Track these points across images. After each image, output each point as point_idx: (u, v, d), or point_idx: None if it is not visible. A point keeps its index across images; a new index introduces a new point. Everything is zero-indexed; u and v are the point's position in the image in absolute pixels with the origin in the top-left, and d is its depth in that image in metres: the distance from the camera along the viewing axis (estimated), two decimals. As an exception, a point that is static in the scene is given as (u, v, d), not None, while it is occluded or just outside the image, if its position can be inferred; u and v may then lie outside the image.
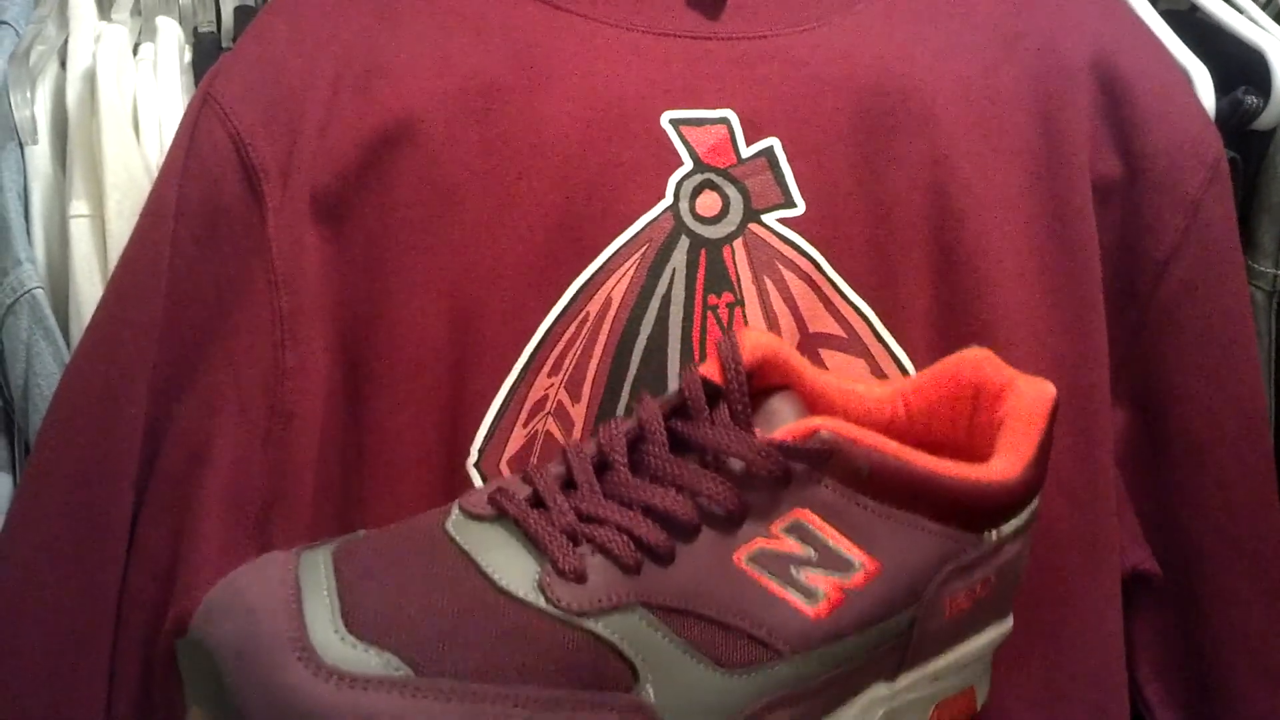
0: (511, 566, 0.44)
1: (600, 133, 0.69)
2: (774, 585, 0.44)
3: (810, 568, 0.45)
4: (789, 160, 0.70)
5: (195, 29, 0.86)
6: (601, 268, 0.68)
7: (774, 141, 0.70)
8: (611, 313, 0.68)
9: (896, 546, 0.46)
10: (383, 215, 0.69)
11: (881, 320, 0.70)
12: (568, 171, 0.69)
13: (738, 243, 0.69)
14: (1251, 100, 0.80)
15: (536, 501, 0.47)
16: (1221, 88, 0.80)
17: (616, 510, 0.45)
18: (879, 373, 0.70)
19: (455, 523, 0.48)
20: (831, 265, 0.70)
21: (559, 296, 0.68)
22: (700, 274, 0.69)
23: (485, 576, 0.44)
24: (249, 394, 0.69)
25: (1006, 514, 0.51)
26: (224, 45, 0.85)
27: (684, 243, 0.69)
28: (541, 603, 0.42)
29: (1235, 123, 0.80)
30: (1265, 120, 0.80)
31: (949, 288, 0.70)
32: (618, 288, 0.68)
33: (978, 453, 0.56)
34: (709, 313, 0.69)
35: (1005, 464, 0.51)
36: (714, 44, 0.72)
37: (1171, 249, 0.72)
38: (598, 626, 0.42)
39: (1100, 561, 0.72)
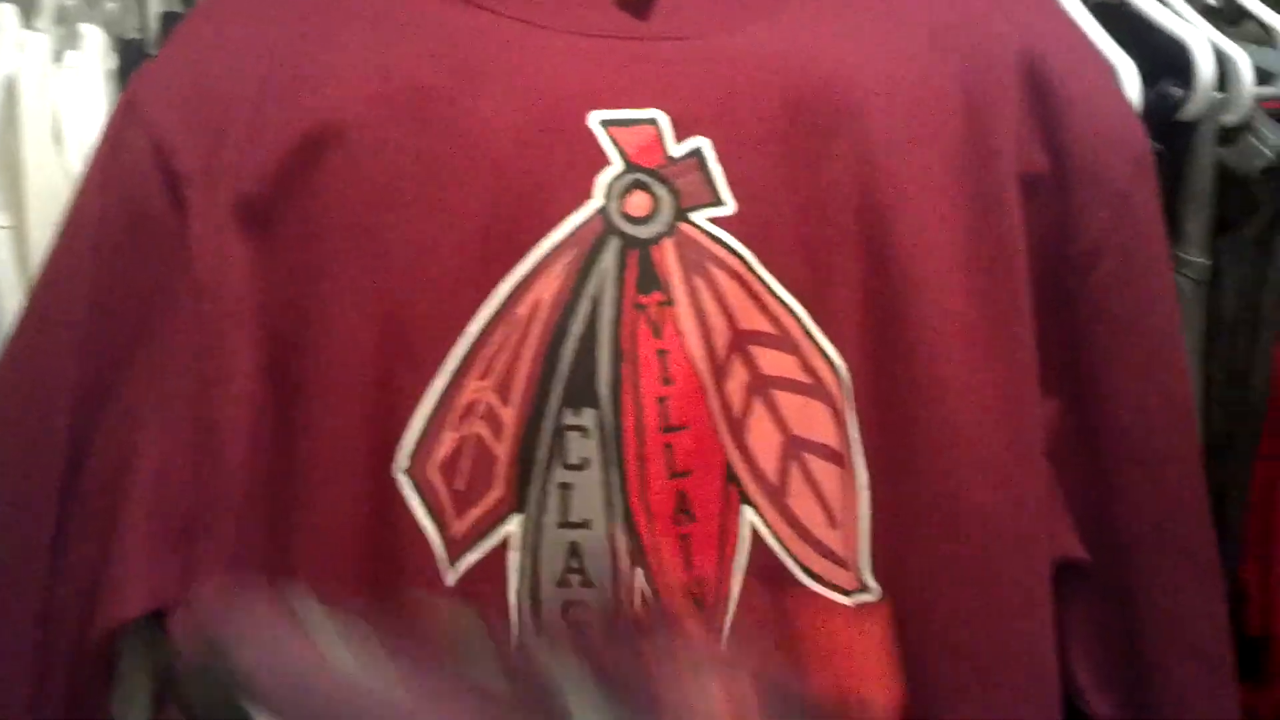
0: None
1: (529, 135, 0.69)
2: None
3: None
4: (719, 159, 0.70)
5: (120, 36, 0.85)
6: (531, 270, 0.68)
7: (703, 141, 0.70)
8: (541, 314, 0.68)
9: None
10: (310, 221, 0.68)
11: (812, 317, 0.71)
12: (497, 174, 0.68)
13: (668, 242, 0.69)
14: (1175, 92, 0.81)
15: None
16: (1148, 80, 0.80)
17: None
18: (809, 369, 0.71)
19: None
20: (762, 263, 0.70)
21: (488, 299, 0.68)
22: (630, 274, 0.69)
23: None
24: (173, 404, 0.68)
25: None
26: (150, 52, 0.83)
27: (614, 243, 0.69)
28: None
29: (1160, 115, 0.80)
30: (1189, 112, 0.81)
31: (879, 284, 0.71)
32: (547, 289, 0.68)
33: None
34: (639, 312, 0.69)
35: None
36: (643, 44, 0.72)
37: (1098, 242, 0.72)
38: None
39: (1030, 550, 0.73)
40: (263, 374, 0.69)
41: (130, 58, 0.80)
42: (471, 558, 0.69)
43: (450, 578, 0.69)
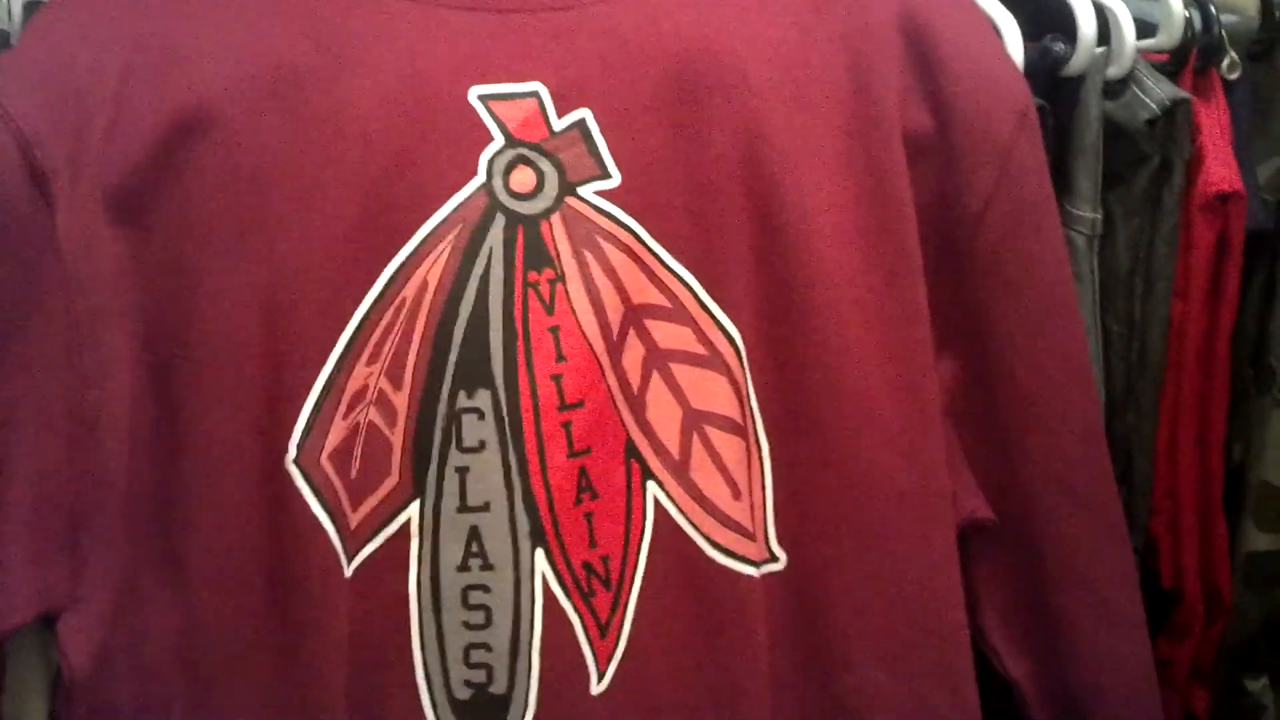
0: None
1: (405, 112, 0.67)
2: None
3: None
4: (602, 131, 0.69)
5: (-16, 28, 0.82)
6: (415, 250, 0.67)
7: (586, 113, 0.69)
8: (429, 296, 0.67)
9: None
10: (183, 208, 0.66)
11: (705, 288, 0.70)
12: (374, 154, 0.67)
13: (555, 217, 0.68)
14: (1059, 48, 0.81)
15: None
16: (1031, 37, 0.80)
17: None
18: (705, 341, 0.70)
19: None
20: (651, 235, 0.69)
21: (372, 282, 0.67)
22: (519, 251, 0.68)
23: None
24: (48, 401, 0.66)
25: None
26: (13, 44, 0.81)
27: (500, 220, 0.68)
28: None
29: (1045, 70, 0.81)
30: (1074, 67, 0.82)
31: (769, 251, 0.70)
32: (433, 270, 0.67)
33: None
34: (530, 290, 0.68)
35: None
36: (520, 17, 0.71)
37: (985, 199, 0.72)
38: None
39: (933, 513, 0.73)
40: (143, 368, 0.67)
41: (-5, 48, 0.77)
42: (370, 548, 0.68)
43: (349, 569, 0.67)
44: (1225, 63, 0.90)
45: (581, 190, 0.69)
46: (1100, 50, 0.82)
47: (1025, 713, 0.80)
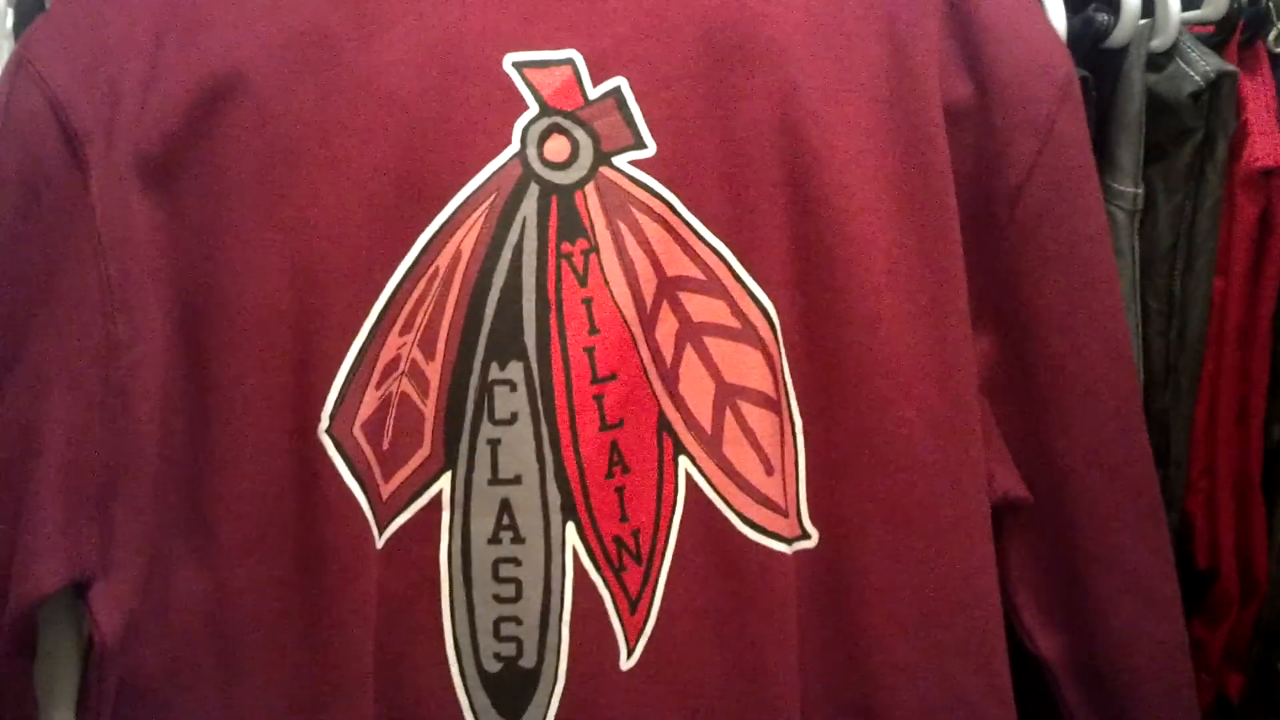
0: None
1: (439, 79, 0.67)
2: None
3: None
4: (637, 100, 0.68)
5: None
6: (449, 220, 0.66)
7: (621, 81, 0.68)
8: (462, 265, 0.67)
9: None
10: (215, 174, 0.66)
11: (739, 260, 0.69)
12: (408, 121, 0.66)
13: (589, 187, 0.68)
14: (1103, 18, 0.80)
15: None
16: (1075, 7, 0.79)
17: None
18: (739, 314, 0.69)
19: None
20: (686, 206, 0.69)
21: (405, 252, 0.66)
22: (552, 221, 0.67)
23: None
24: (80, 368, 0.66)
25: None
26: (47, 7, 0.81)
27: (534, 190, 0.67)
28: None
29: (1088, 41, 0.80)
30: (1117, 38, 0.80)
31: (805, 223, 0.69)
32: (467, 239, 0.67)
33: None
34: (563, 260, 0.67)
35: None
36: None
37: (1026, 171, 0.71)
38: None
39: (967, 488, 0.72)
40: (175, 334, 0.67)
41: (26, 13, 0.77)
42: (402, 519, 0.68)
43: (380, 540, 0.67)
44: (1273, 35, 0.88)
45: (616, 160, 0.68)
46: (1144, 21, 0.81)
47: (1057, 692, 0.79)
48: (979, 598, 0.73)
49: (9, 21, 0.77)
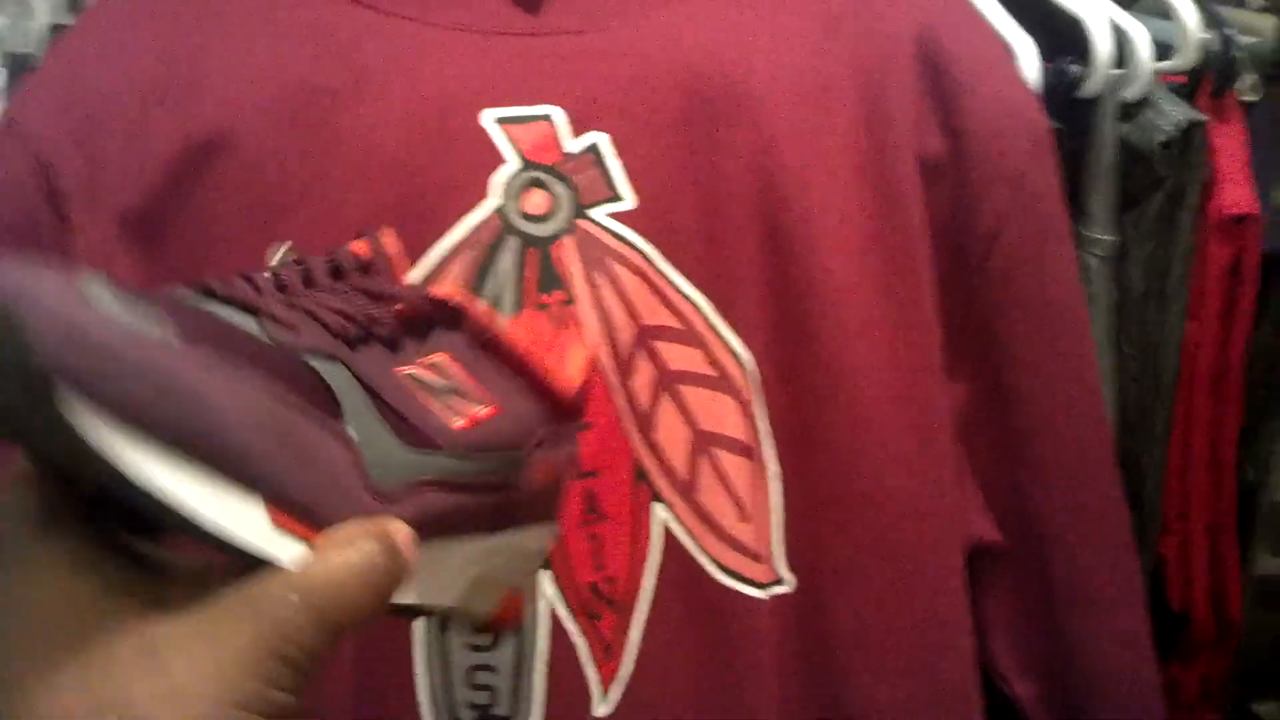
0: (235, 317, 0.44)
1: (422, 135, 0.67)
2: (428, 399, 0.48)
3: (450, 395, 0.49)
4: (617, 154, 0.69)
5: (9, 51, 0.82)
6: (428, 273, 0.67)
7: (600, 136, 0.69)
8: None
9: (508, 399, 0.51)
10: (200, 231, 0.66)
11: (716, 310, 0.70)
12: (389, 176, 0.67)
13: (567, 239, 0.68)
14: (1075, 69, 0.81)
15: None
16: (1046, 58, 0.80)
17: (317, 303, 0.47)
18: (715, 363, 0.70)
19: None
20: (664, 257, 0.69)
21: None
22: (530, 273, 0.68)
23: (214, 317, 0.44)
24: None
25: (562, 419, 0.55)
26: (36, 66, 0.81)
27: (513, 242, 0.68)
28: (265, 338, 0.43)
29: (1060, 92, 0.80)
30: (1089, 88, 0.81)
31: (781, 275, 0.70)
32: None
33: None
34: (541, 312, 0.68)
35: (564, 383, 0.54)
36: (535, 40, 0.71)
37: (998, 222, 0.72)
38: (312, 360, 0.44)
39: (942, 535, 0.73)
40: None
41: (19, 72, 0.77)
42: None
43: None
44: (1244, 84, 0.89)
45: (594, 213, 0.69)
46: (1116, 72, 0.82)
47: (1033, 736, 0.79)
48: (954, 642, 0.73)
49: (2, 81, 0.77)
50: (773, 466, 0.72)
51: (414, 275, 0.67)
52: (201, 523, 0.37)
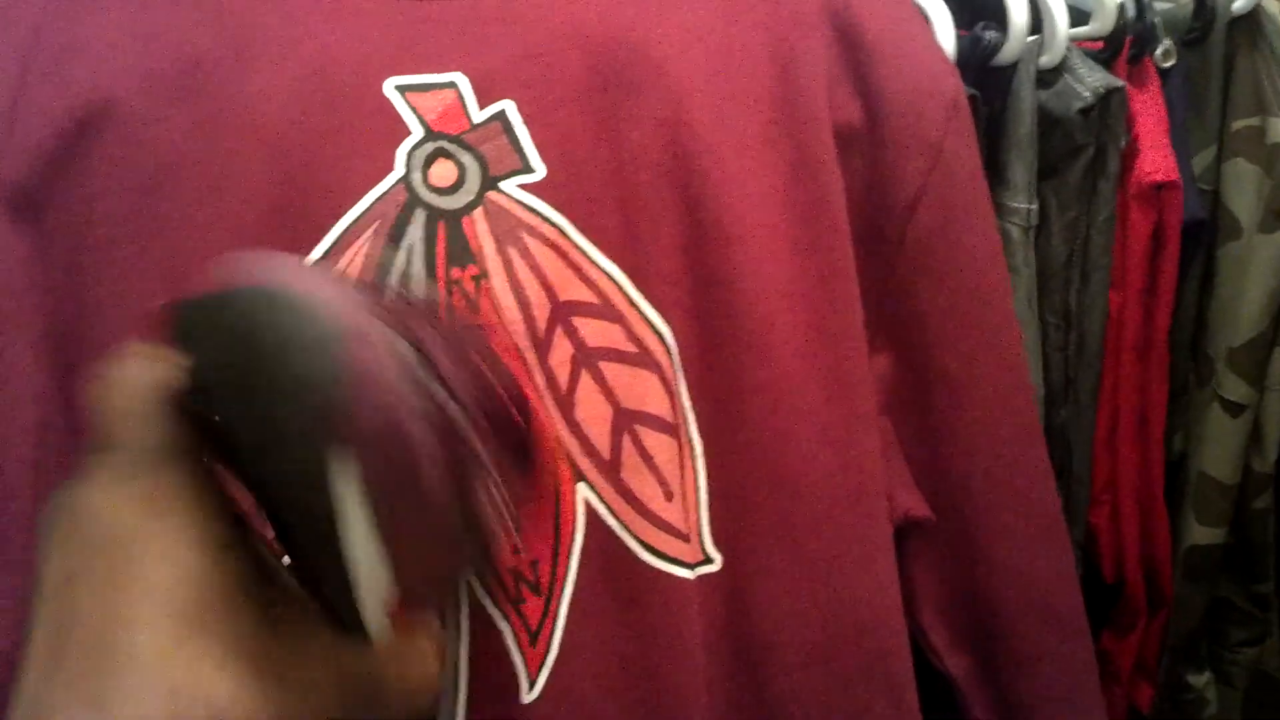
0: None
1: (317, 105, 0.65)
2: None
3: None
4: (525, 122, 0.67)
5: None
6: (332, 247, 0.65)
7: (507, 104, 0.67)
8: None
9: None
10: (85, 206, 0.64)
11: (633, 283, 0.68)
12: (284, 148, 0.64)
13: (478, 212, 0.66)
14: (991, 36, 0.80)
15: None
16: (963, 25, 0.79)
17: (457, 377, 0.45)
18: (635, 338, 0.68)
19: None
20: (578, 230, 0.67)
21: None
22: (440, 247, 0.66)
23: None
24: None
25: None
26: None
27: (420, 215, 0.66)
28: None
29: (977, 60, 0.80)
30: (1005, 56, 0.81)
31: (698, 247, 0.69)
32: (351, 267, 0.65)
33: None
34: (453, 287, 0.66)
35: None
36: (437, 4, 0.69)
37: (917, 191, 0.71)
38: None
39: (868, 509, 0.72)
40: (45, 376, 0.65)
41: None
42: None
43: None
44: (1160, 50, 0.89)
45: (504, 184, 0.67)
46: (1033, 39, 0.81)
47: (966, 711, 0.79)
48: (883, 619, 0.72)
49: None
50: (696, 444, 0.70)
51: (319, 249, 0.64)
52: (354, 586, 0.37)
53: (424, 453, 0.38)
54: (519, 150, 0.67)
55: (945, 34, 0.77)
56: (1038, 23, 0.82)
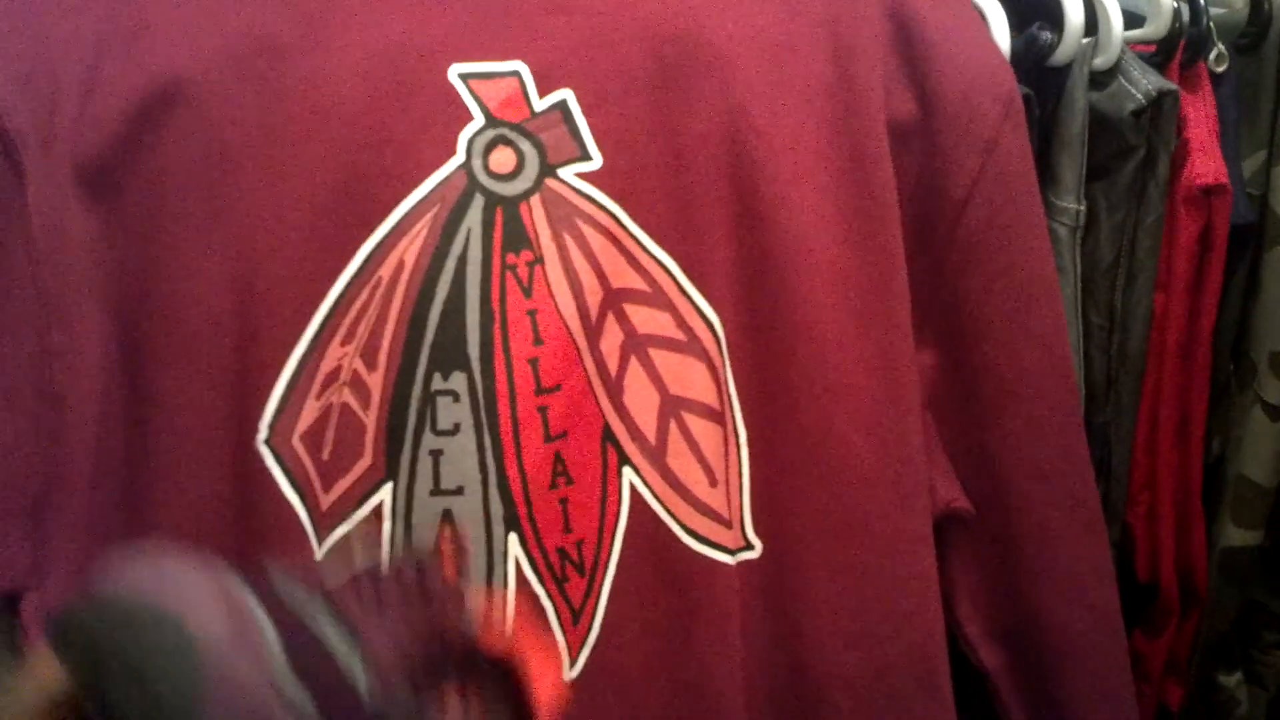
0: (346, 656, 0.44)
1: (384, 89, 0.66)
2: None
3: None
4: (584, 112, 0.68)
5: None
6: (392, 229, 0.66)
7: (568, 93, 0.68)
8: (405, 276, 0.66)
9: None
10: (156, 182, 0.65)
11: (685, 272, 0.69)
12: (351, 130, 0.66)
13: (535, 199, 0.68)
14: (1046, 36, 0.80)
15: None
16: (1018, 26, 0.80)
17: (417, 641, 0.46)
18: (684, 326, 0.69)
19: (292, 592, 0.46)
20: (632, 218, 0.69)
21: (348, 261, 0.66)
22: (497, 233, 0.67)
23: (337, 663, 0.43)
24: (13, 378, 0.65)
25: None
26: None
27: (479, 201, 0.67)
28: (369, 703, 0.43)
29: (1031, 60, 0.80)
30: (1060, 56, 0.81)
31: (750, 238, 0.70)
32: (410, 250, 0.66)
33: None
34: (508, 272, 0.67)
35: None
36: None
37: (969, 188, 0.72)
38: None
39: (909, 501, 0.73)
40: (113, 345, 0.66)
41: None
42: (341, 530, 0.67)
43: (319, 551, 0.67)
44: (1213, 55, 0.89)
45: (562, 172, 0.68)
46: (1087, 40, 0.81)
47: (999, 705, 0.80)
48: (921, 609, 0.73)
49: None
50: (741, 432, 0.71)
51: (381, 231, 0.66)
52: None
53: None
54: (578, 139, 0.68)
55: (1001, 33, 0.77)
56: (1093, 24, 0.82)
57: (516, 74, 0.68)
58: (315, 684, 0.41)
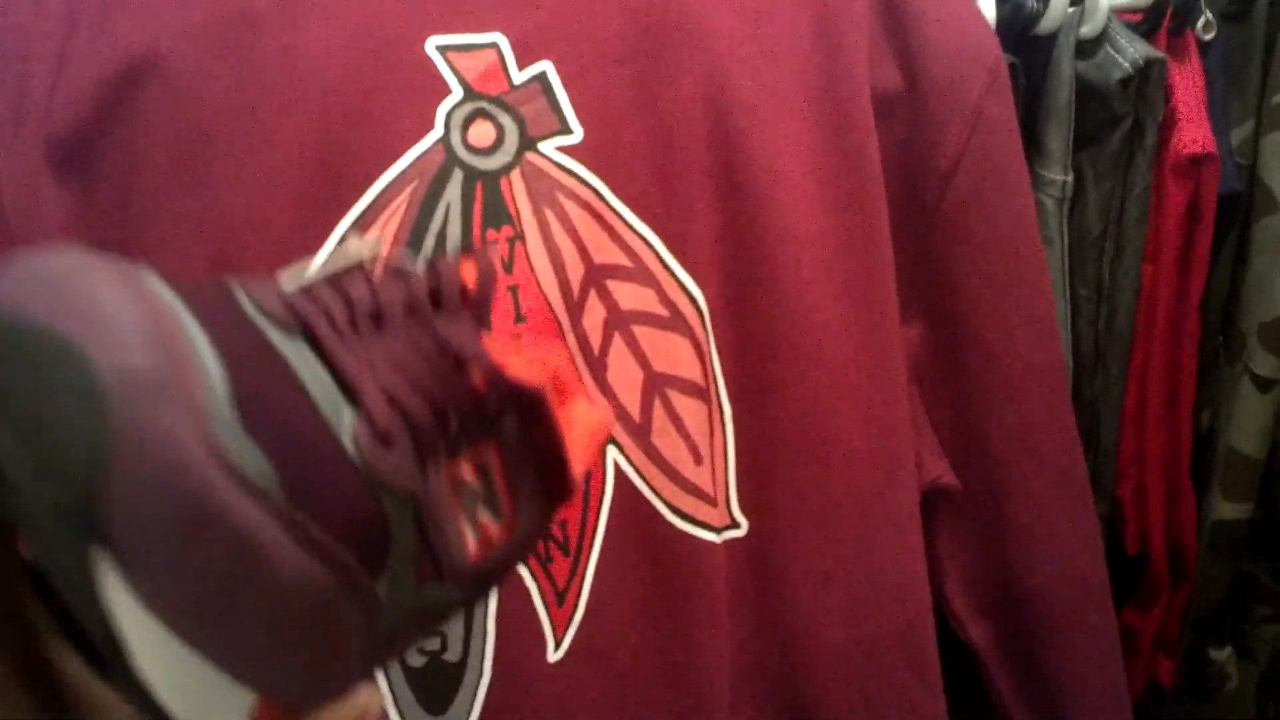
0: (329, 400, 0.35)
1: (361, 62, 0.65)
2: (460, 517, 0.39)
3: (479, 505, 0.40)
4: (564, 84, 0.67)
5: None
6: (370, 205, 0.65)
7: (547, 65, 0.67)
8: (384, 252, 0.65)
9: (522, 506, 0.42)
10: (130, 159, 0.64)
11: (668, 247, 0.68)
12: (327, 104, 0.65)
13: (515, 173, 0.66)
14: (1032, 5, 0.79)
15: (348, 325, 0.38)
16: (1006, -6, 0.79)
17: (399, 370, 0.38)
18: (668, 302, 0.68)
19: (256, 317, 0.37)
20: (614, 192, 0.68)
21: (326, 239, 0.65)
22: (477, 208, 0.66)
23: (313, 407, 0.35)
24: None
25: None
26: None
27: (457, 175, 0.66)
28: (356, 458, 0.35)
29: (1017, 28, 0.79)
30: (1046, 24, 0.80)
31: (734, 211, 0.69)
32: (389, 226, 0.65)
33: None
34: (487, 248, 0.66)
35: None
36: None
37: (954, 158, 0.71)
38: (388, 504, 0.36)
39: (896, 476, 0.72)
40: None
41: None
42: None
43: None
44: (1200, 23, 0.88)
45: (542, 146, 0.67)
46: (1073, 8, 0.81)
47: (987, 679, 0.79)
48: (909, 586, 0.73)
49: None
50: (726, 408, 0.71)
51: (359, 206, 0.65)
52: (162, 710, 0.32)
53: (261, 536, 0.31)
54: (558, 112, 0.67)
55: (986, 1, 0.76)
56: (1079, -9, 0.81)
57: (495, 45, 0.67)
58: (275, 436, 0.32)
